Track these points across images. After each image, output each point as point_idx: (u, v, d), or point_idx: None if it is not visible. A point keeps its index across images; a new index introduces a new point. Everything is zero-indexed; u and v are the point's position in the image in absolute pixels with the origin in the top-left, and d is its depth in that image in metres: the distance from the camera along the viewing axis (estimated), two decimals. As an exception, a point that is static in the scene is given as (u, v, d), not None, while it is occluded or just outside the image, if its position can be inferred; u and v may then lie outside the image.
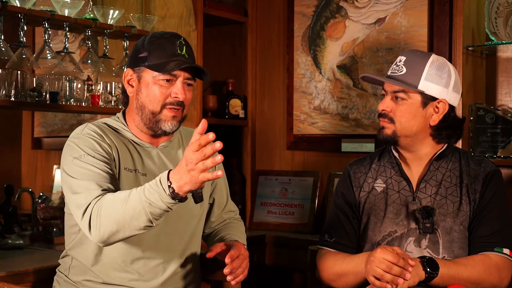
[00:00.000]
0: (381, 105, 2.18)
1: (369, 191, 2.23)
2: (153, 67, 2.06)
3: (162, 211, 1.78)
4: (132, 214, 1.79)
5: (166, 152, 2.17)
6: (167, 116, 2.08)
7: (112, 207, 1.82)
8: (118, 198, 1.82)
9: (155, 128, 2.09)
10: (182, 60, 2.06)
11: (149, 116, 2.08)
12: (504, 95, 3.11)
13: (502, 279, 2.06)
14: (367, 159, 2.31)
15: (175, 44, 2.06)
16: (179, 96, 2.06)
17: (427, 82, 2.12)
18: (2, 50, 2.66)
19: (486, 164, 2.18)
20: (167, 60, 2.04)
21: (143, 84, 2.08)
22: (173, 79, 2.06)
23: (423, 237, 2.12)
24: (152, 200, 1.76)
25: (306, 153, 3.59)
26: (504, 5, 2.99)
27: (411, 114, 2.14)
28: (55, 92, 2.91)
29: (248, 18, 3.70)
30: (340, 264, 2.16)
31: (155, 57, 2.05)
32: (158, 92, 2.06)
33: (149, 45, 2.07)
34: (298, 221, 3.48)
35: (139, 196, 1.78)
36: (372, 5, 3.34)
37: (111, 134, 2.09)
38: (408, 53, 2.19)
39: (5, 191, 2.91)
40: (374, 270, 1.95)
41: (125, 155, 2.08)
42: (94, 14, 3.04)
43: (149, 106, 2.08)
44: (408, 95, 2.13)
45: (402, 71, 2.14)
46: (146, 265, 2.08)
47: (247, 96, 3.71)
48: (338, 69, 3.45)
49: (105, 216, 1.83)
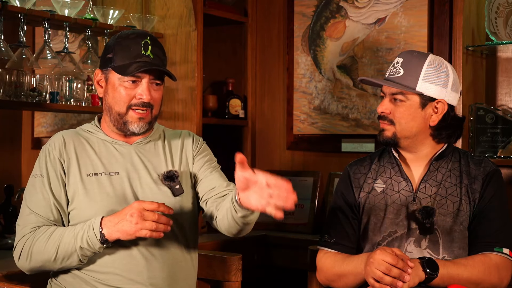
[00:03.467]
0: (380, 107, 2.18)
1: (369, 192, 2.23)
2: (116, 69, 2.06)
3: (92, 253, 1.98)
4: (63, 255, 1.98)
5: (141, 148, 2.17)
6: (133, 118, 2.08)
7: (43, 247, 1.99)
8: (51, 239, 1.99)
9: (124, 129, 2.10)
10: (146, 61, 2.05)
11: (116, 117, 2.10)
12: (504, 95, 3.11)
13: (502, 279, 2.06)
14: (367, 160, 2.31)
15: (140, 44, 2.06)
16: (144, 97, 2.06)
17: (425, 83, 2.12)
18: (2, 50, 2.66)
19: (486, 164, 2.18)
20: (130, 62, 2.04)
21: (110, 85, 2.09)
22: (138, 80, 2.06)
23: (423, 237, 2.12)
24: (83, 245, 1.95)
25: (306, 153, 3.59)
26: (504, 5, 2.99)
27: (410, 115, 2.14)
28: (55, 92, 2.91)
29: (248, 18, 3.70)
30: (340, 264, 2.16)
31: (119, 58, 2.06)
32: (123, 93, 2.07)
33: (115, 46, 2.08)
34: (298, 221, 3.48)
35: (70, 239, 1.96)
36: (372, 5, 3.34)
37: (77, 141, 2.13)
38: (405, 54, 2.19)
39: (5, 191, 2.91)
40: (374, 272, 1.95)
41: (89, 160, 2.11)
42: (94, 14, 3.04)
43: (115, 107, 2.09)
44: (407, 97, 2.13)
45: (400, 73, 2.14)
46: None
47: (247, 96, 3.71)
48: (338, 69, 3.45)
49: (36, 253, 2.00)
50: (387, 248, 1.97)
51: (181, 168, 2.19)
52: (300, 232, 3.43)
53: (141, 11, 3.38)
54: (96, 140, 2.16)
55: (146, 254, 2.07)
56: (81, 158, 2.11)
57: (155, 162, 2.17)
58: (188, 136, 2.27)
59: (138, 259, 2.06)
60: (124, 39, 2.08)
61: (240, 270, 2.36)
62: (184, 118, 3.31)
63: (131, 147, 2.16)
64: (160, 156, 2.18)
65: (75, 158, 2.10)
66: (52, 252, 1.98)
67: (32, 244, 2.00)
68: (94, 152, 2.13)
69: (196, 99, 3.27)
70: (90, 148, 2.14)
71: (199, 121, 3.29)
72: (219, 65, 3.79)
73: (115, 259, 2.05)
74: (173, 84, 3.30)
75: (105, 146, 2.15)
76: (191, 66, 3.28)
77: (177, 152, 2.22)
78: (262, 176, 1.77)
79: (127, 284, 2.04)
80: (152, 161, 2.16)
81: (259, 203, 1.79)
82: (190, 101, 3.29)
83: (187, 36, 3.28)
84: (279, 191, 1.73)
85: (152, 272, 2.07)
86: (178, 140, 2.25)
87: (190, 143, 2.25)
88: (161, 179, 2.13)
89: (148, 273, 2.07)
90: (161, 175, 2.13)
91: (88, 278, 2.05)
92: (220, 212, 2.11)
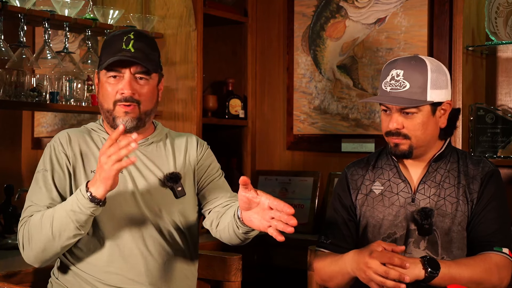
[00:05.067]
0: (391, 124, 2.10)
1: (366, 194, 2.23)
2: (100, 66, 2.10)
3: (87, 216, 1.92)
4: (59, 228, 1.93)
5: (143, 149, 2.17)
6: (119, 113, 2.08)
7: (39, 225, 1.96)
8: (45, 216, 1.96)
9: (114, 125, 2.10)
10: (126, 55, 2.05)
11: (107, 115, 2.11)
12: (504, 95, 3.11)
13: (502, 279, 2.06)
14: (364, 161, 2.30)
15: (122, 39, 2.07)
16: (125, 92, 2.05)
17: (433, 90, 2.08)
18: (2, 50, 2.66)
19: (484, 164, 2.18)
20: (110, 57, 2.05)
21: (100, 84, 2.12)
22: (120, 75, 2.07)
23: (422, 238, 2.11)
24: (75, 209, 1.91)
25: (306, 153, 3.59)
26: (504, 5, 2.99)
27: (425, 125, 2.10)
28: (55, 92, 2.91)
29: (248, 18, 3.70)
30: (329, 265, 2.16)
31: (104, 56, 2.09)
32: (108, 89, 2.08)
33: (103, 45, 2.12)
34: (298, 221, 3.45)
35: (63, 208, 1.94)
36: (372, 5, 3.34)
37: (82, 139, 2.14)
38: (402, 65, 2.11)
39: (5, 191, 2.91)
40: (375, 279, 1.94)
41: (93, 158, 2.11)
42: (94, 14, 3.04)
43: (104, 104, 2.10)
44: (419, 109, 2.08)
45: (406, 87, 2.08)
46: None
47: (247, 96, 3.71)
48: (338, 69, 3.45)
49: (34, 234, 1.97)
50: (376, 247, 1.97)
51: (184, 170, 2.19)
52: (300, 232, 3.42)
53: (141, 11, 3.38)
54: (99, 138, 2.16)
55: (146, 254, 2.07)
56: (86, 155, 2.12)
57: (158, 163, 2.17)
58: (193, 139, 2.28)
59: (138, 259, 2.06)
60: (111, 37, 2.11)
61: (240, 270, 2.36)
62: (184, 118, 3.31)
63: None
64: (163, 157, 2.18)
65: (80, 154, 2.11)
66: (48, 227, 1.94)
67: (29, 227, 1.99)
68: (96, 151, 2.13)
69: (196, 99, 3.27)
70: (94, 146, 2.14)
71: (199, 121, 3.29)
72: (219, 65, 3.79)
73: (115, 259, 2.05)
74: (173, 84, 3.30)
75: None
76: (191, 66, 3.28)
77: (180, 154, 2.22)
78: (264, 198, 1.83)
79: (127, 284, 2.05)
80: (155, 162, 2.16)
81: (260, 224, 1.87)
82: (190, 101, 3.28)
83: (187, 36, 3.28)
84: (280, 214, 1.80)
85: (152, 272, 2.08)
86: (182, 143, 2.25)
87: (194, 147, 2.25)
88: (164, 180, 2.13)
89: (148, 273, 2.07)
90: (164, 176, 2.14)
91: (89, 277, 2.05)
92: (221, 224, 2.14)
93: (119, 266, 2.05)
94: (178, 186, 2.13)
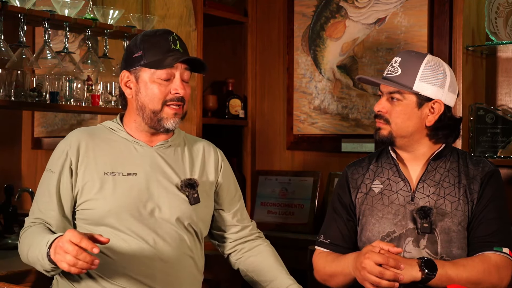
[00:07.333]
0: (377, 106, 2.18)
1: (366, 192, 2.24)
2: (150, 65, 2.06)
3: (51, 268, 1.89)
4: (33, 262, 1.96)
5: (161, 152, 2.16)
6: (168, 114, 2.08)
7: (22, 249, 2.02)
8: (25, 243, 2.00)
9: (158, 126, 2.09)
10: (178, 55, 2.06)
11: (151, 116, 2.09)
12: (504, 95, 3.11)
13: (502, 279, 2.06)
14: (365, 160, 2.32)
15: (169, 40, 2.07)
16: (180, 92, 2.07)
17: (422, 82, 2.12)
18: (2, 50, 2.66)
19: (484, 164, 2.18)
20: (164, 56, 2.05)
21: (142, 84, 2.09)
22: (171, 76, 2.07)
23: (421, 237, 2.12)
24: (40, 257, 1.89)
25: (306, 153, 3.59)
26: (504, 5, 2.99)
27: (406, 114, 2.14)
28: (55, 92, 2.91)
29: (248, 18, 3.70)
30: (330, 265, 2.17)
31: (151, 55, 2.06)
32: (157, 90, 2.06)
33: (143, 44, 2.08)
34: (298, 221, 3.48)
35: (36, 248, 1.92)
36: (372, 5, 3.34)
37: (96, 139, 2.12)
38: (403, 54, 2.19)
39: (5, 191, 2.91)
40: (369, 278, 1.95)
41: (108, 159, 2.09)
42: (94, 14, 3.04)
43: (149, 105, 2.08)
44: (403, 96, 2.14)
45: (397, 72, 2.15)
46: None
47: (247, 96, 3.71)
48: (338, 69, 3.45)
49: (20, 250, 2.05)
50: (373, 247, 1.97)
51: (201, 178, 2.20)
52: (300, 232, 3.43)
53: (141, 11, 3.38)
54: (117, 138, 2.14)
55: (155, 255, 2.07)
56: (99, 157, 2.09)
57: (176, 167, 2.16)
58: (210, 149, 2.28)
59: (146, 260, 2.06)
60: (151, 37, 2.09)
61: (240, 270, 2.36)
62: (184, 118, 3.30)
63: (152, 149, 2.15)
64: (179, 162, 2.18)
65: (93, 156, 2.09)
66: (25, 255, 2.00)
67: (20, 239, 2.05)
68: (113, 151, 2.11)
69: (196, 99, 3.27)
70: (109, 146, 2.12)
71: (199, 121, 3.29)
72: (219, 65, 3.79)
73: (120, 258, 2.04)
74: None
75: (125, 145, 2.13)
76: (191, 66, 3.28)
77: (197, 161, 2.22)
78: None
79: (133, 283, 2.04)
80: (173, 166, 2.15)
81: None
82: (190, 101, 3.28)
83: (187, 36, 3.28)
84: None
85: (160, 274, 2.07)
86: (199, 150, 2.25)
87: (213, 158, 2.26)
88: (181, 186, 2.12)
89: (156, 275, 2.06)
90: (181, 181, 2.13)
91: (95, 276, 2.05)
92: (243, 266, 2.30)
93: (127, 266, 2.05)
94: (194, 193, 2.12)
